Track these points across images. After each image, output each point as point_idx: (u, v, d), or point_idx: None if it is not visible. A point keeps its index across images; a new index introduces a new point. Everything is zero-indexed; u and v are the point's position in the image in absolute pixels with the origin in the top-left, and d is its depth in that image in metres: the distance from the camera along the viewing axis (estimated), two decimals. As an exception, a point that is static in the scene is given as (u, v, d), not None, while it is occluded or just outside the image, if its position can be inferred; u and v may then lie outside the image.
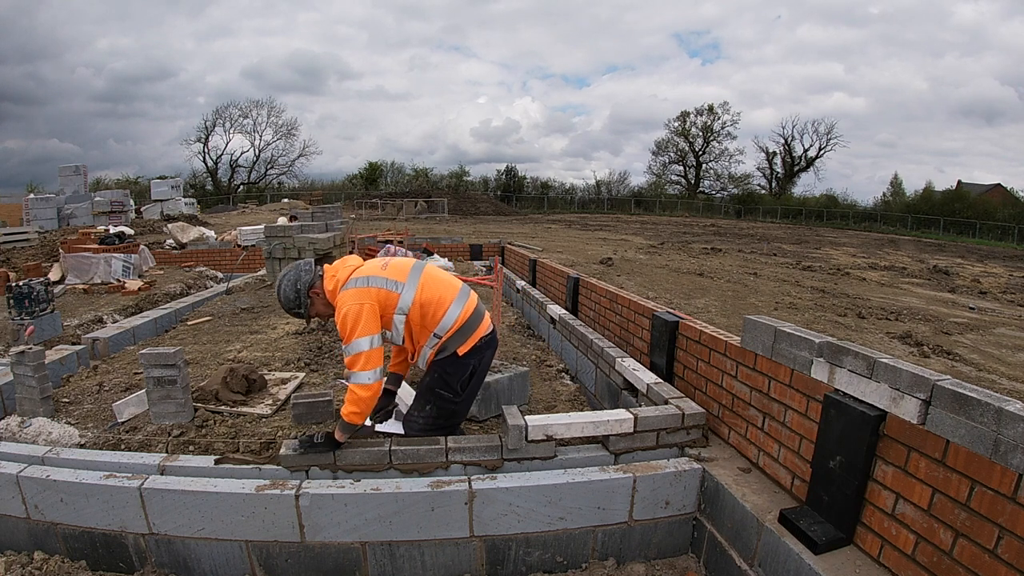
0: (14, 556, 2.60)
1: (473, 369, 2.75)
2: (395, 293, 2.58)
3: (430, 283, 2.65)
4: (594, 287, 5.37)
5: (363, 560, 2.55)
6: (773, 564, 2.20)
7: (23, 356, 3.37)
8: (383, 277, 2.59)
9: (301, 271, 2.68)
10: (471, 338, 2.69)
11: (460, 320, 2.65)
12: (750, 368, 2.74)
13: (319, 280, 2.67)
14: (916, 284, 13.18)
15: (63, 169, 20.36)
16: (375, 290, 2.56)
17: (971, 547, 1.70)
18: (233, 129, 50.46)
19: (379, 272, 2.62)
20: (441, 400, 2.74)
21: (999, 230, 35.38)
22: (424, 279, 2.65)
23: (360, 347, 2.45)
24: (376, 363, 2.48)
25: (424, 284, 2.63)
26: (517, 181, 53.31)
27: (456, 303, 2.66)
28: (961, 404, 1.73)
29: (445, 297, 2.65)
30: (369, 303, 2.50)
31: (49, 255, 11.42)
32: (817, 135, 54.13)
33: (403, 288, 2.59)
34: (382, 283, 2.58)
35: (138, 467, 2.62)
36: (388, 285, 2.58)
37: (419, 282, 2.62)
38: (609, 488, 2.60)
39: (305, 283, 2.65)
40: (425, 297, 2.60)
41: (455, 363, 2.69)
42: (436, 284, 2.67)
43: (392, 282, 2.59)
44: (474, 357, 2.72)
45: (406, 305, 2.58)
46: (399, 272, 2.64)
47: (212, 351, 5.00)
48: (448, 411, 2.80)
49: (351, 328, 2.46)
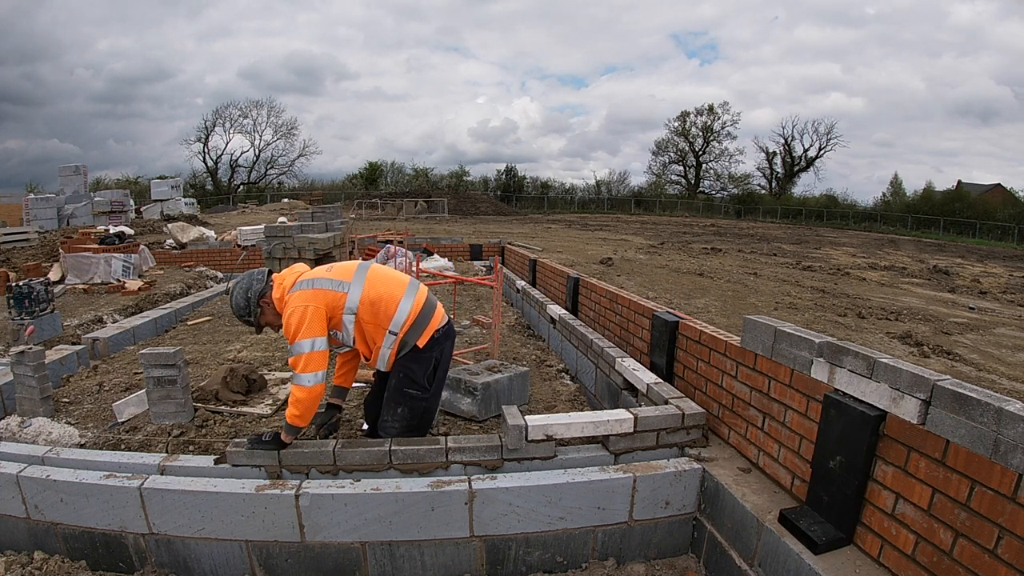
0: (14, 556, 2.60)
1: (436, 361, 2.75)
2: (342, 293, 2.59)
3: (377, 280, 2.67)
4: (594, 287, 5.37)
5: (363, 560, 2.54)
6: (773, 564, 2.20)
7: (23, 356, 3.37)
8: (328, 278, 2.61)
9: (253, 279, 2.69)
10: (427, 329, 2.69)
11: (413, 313, 2.65)
12: (750, 368, 2.74)
13: (270, 290, 2.67)
14: (916, 284, 13.18)
15: (63, 169, 20.34)
16: (321, 292, 2.56)
17: (971, 547, 1.70)
18: (233, 129, 50.46)
19: (324, 274, 2.64)
20: (411, 399, 2.75)
21: (999, 230, 35.38)
22: (370, 276, 2.67)
23: (301, 348, 2.46)
24: (318, 366, 2.48)
25: (370, 281, 2.64)
26: (517, 181, 53.29)
27: (406, 297, 2.66)
28: (961, 404, 1.73)
29: (394, 293, 2.65)
30: (314, 305, 2.50)
31: (49, 255, 11.41)
32: (817, 135, 54.12)
33: (349, 287, 2.60)
34: (327, 284, 2.59)
35: (138, 467, 2.62)
36: (334, 286, 2.59)
37: (365, 280, 2.63)
38: (609, 488, 2.60)
39: (256, 292, 2.66)
40: (373, 294, 2.61)
41: (417, 358, 2.69)
42: (383, 281, 2.68)
43: (338, 282, 2.60)
44: (434, 349, 2.72)
45: (354, 304, 2.59)
46: (344, 273, 2.65)
47: (212, 351, 5.00)
48: (420, 409, 2.81)
49: (295, 329, 2.48)
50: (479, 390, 3.46)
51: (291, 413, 2.52)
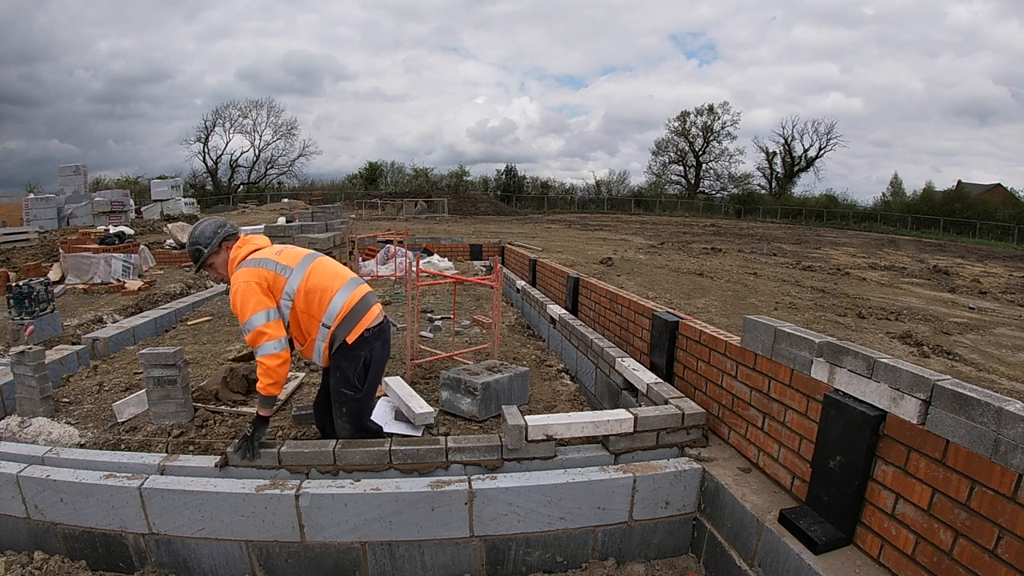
0: (14, 556, 2.60)
1: (365, 361, 2.73)
2: (283, 277, 2.62)
3: (318, 271, 2.70)
4: (594, 287, 5.37)
5: (363, 560, 2.55)
6: (773, 564, 2.20)
7: (23, 356, 3.36)
8: (274, 261, 2.65)
9: (228, 225, 2.79)
10: (358, 326, 2.69)
11: (345, 308, 2.67)
12: (750, 368, 2.74)
13: (234, 239, 2.77)
14: (916, 284, 13.18)
15: (63, 169, 20.36)
16: (265, 271, 2.61)
17: (971, 547, 1.70)
18: (233, 129, 50.55)
19: (272, 256, 2.68)
20: (348, 400, 2.75)
21: (999, 230, 35.38)
22: (313, 266, 2.71)
23: (257, 322, 2.51)
24: (277, 333, 2.53)
25: (312, 271, 2.68)
26: (517, 181, 53.30)
27: (342, 291, 2.69)
28: (961, 404, 1.73)
29: (331, 285, 2.68)
30: (257, 281, 2.56)
31: (49, 255, 11.41)
32: (817, 135, 54.20)
33: (291, 273, 2.64)
34: (272, 266, 2.63)
35: (138, 467, 2.62)
36: (278, 268, 2.63)
37: (307, 269, 2.68)
38: (609, 488, 2.60)
39: (226, 232, 2.74)
40: (311, 284, 2.65)
41: (347, 355, 2.70)
42: (323, 272, 2.72)
43: (282, 266, 2.64)
44: (363, 348, 2.71)
45: (292, 290, 2.62)
46: (291, 258, 2.70)
47: (212, 351, 5.00)
48: (355, 410, 2.80)
49: (242, 304, 2.52)
50: (479, 390, 3.45)
51: (263, 384, 2.53)
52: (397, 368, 4.37)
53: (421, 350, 4.71)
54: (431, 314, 6.44)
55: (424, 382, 4.16)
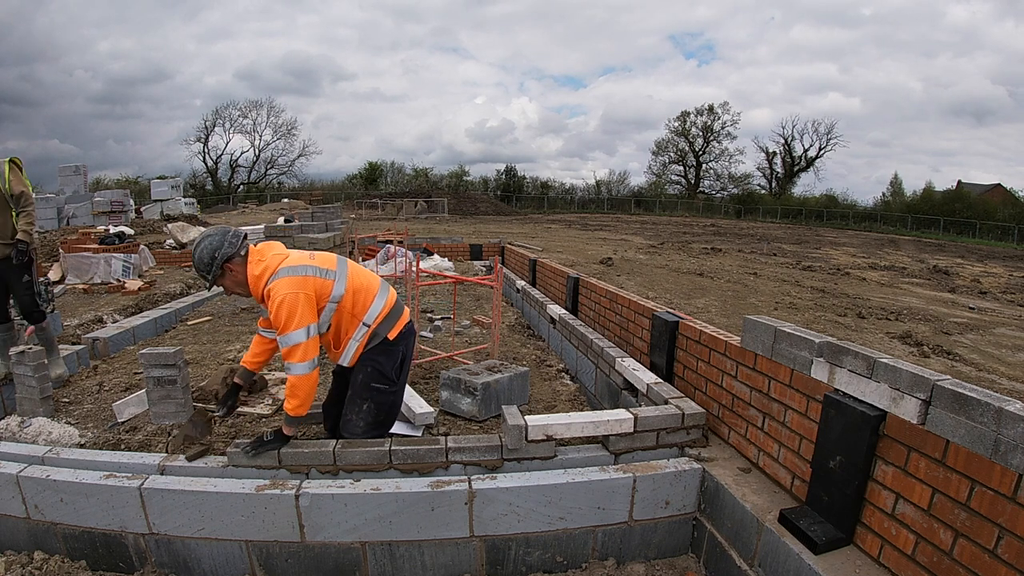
0: (14, 556, 2.60)
1: (403, 356, 2.82)
2: (329, 280, 2.58)
3: (358, 272, 2.76)
4: (594, 287, 5.37)
5: (363, 560, 2.54)
6: (773, 564, 2.20)
7: (23, 356, 3.36)
8: (315, 266, 2.59)
9: (226, 240, 2.55)
10: (398, 323, 2.77)
11: (387, 306, 2.74)
12: (750, 368, 2.74)
13: (240, 257, 2.57)
14: (916, 284, 13.18)
15: (63, 169, 20.32)
16: (311, 279, 2.53)
17: (971, 547, 1.70)
18: (233, 129, 50.57)
19: (310, 261, 2.62)
20: (379, 394, 2.76)
21: (999, 230, 35.39)
22: (352, 268, 2.75)
23: (298, 338, 2.44)
24: (313, 353, 2.50)
25: (354, 272, 2.72)
26: (517, 181, 53.30)
27: (381, 291, 2.76)
28: (961, 404, 1.73)
29: (372, 285, 2.74)
30: (305, 292, 2.47)
31: (49, 255, 11.40)
32: (817, 135, 54.21)
33: (335, 276, 2.62)
34: (315, 271, 2.56)
35: (138, 467, 2.62)
36: (321, 273, 2.58)
37: (348, 271, 2.70)
38: (609, 488, 2.60)
39: (224, 255, 2.53)
40: (356, 284, 2.68)
41: (386, 350, 2.72)
42: (363, 273, 2.78)
43: (324, 270, 2.60)
44: (402, 343, 2.79)
45: (339, 292, 2.60)
46: (328, 261, 2.68)
47: (212, 351, 5.00)
48: (388, 403, 2.83)
49: (287, 318, 2.42)
50: (479, 390, 3.45)
51: (291, 405, 2.51)
52: (397, 368, 4.37)
53: (421, 350, 4.71)
54: (431, 314, 6.44)
55: (424, 382, 4.16)
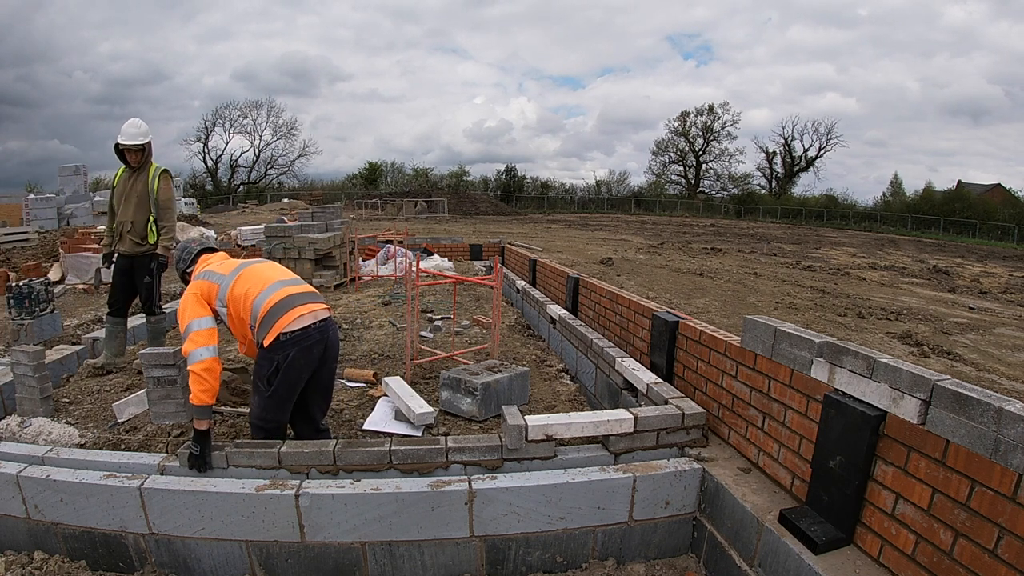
0: (14, 556, 2.60)
1: (277, 366, 2.67)
2: (216, 284, 2.79)
3: (246, 276, 2.82)
4: (594, 287, 5.37)
5: (363, 560, 2.54)
6: (773, 564, 2.20)
7: (23, 356, 3.36)
8: (211, 271, 2.85)
9: (183, 253, 3.08)
10: (272, 330, 2.65)
11: (263, 311, 2.70)
12: (750, 368, 2.74)
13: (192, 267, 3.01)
14: (916, 284, 13.18)
15: (63, 169, 20.30)
16: (205, 283, 2.79)
17: (971, 547, 1.70)
18: (233, 129, 50.57)
19: (212, 268, 2.88)
20: (258, 391, 2.79)
21: (999, 230, 35.39)
22: (244, 273, 2.83)
23: (188, 329, 2.63)
24: (206, 341, 2.61)
25: (241, 276, 2.81)
26: (517, 181, 53.31)
27: (262, 294, 2.73)
28: (961, 404, 1.73)
29: (253, 290, 2.76)
30: (194, 293, 2.74)
31: (49, 255, 11.40)
32: (817, 135, 54.21)
33: (223, 279, 2.80)
34: (209, 276, 2.82)
35: (138, 467, 2.62)
36: (213, 278, 2.81)
37: (238, 276, 2.81)
38: (609, 488, 2.60)
39: (180, 269, 3.06)
40: (237, 290, 2.77)
41: (262, 355, 2.74)
42: (250, 277, 2.81)
43: (218, 275, 2.82)
44: (278, 352, 2.65)
45: (224, 295, 2.78)
46: (227, 267, 2.88)
47: (212, 351, 4.99)
48: (258, 404, 2.80)
49: (180, 314, 2.70)
50: (479, 390, 3.45)
51: (194, 393, 2.54)
52: (397, 368, 4.37)
53: (421, 350, 4.71)
54: (431, 314, 6.44)
55: (424, 382, 4.16)
